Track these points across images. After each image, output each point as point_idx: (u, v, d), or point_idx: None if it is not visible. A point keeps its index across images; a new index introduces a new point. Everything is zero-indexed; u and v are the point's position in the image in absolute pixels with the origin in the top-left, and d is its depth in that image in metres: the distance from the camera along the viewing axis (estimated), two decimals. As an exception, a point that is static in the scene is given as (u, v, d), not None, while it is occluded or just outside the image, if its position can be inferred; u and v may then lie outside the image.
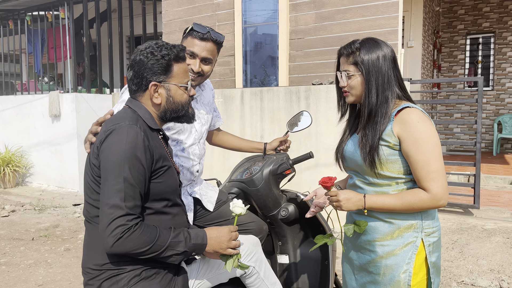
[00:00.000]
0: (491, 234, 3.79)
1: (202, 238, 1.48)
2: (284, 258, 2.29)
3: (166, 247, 1.39)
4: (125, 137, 1.38)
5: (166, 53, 1.48)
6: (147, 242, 1.35)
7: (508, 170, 6.63)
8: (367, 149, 1.55)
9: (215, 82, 5.49)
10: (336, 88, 1.75)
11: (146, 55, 1.47)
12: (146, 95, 1.52)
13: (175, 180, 1.53)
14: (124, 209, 1.33)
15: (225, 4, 5.34)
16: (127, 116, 1.46)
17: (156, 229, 1.40)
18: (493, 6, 8.73)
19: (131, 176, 1.36)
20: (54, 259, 3.86)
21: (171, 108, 1.54)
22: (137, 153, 1.37)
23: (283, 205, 2.22)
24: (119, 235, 1.31)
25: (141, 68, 1.48)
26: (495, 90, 8.87)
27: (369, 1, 4.46)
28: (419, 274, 1.58)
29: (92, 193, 1.46)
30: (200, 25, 1.94)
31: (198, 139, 2.07)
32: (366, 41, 1.60)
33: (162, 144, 1.54)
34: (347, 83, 1.62)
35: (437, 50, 8.70)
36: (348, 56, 1.61)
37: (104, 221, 1.33)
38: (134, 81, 1.51)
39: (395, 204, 1.53)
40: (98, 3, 7.03)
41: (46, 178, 7.11)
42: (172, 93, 1.52)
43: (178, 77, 1.52)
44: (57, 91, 6.79)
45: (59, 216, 5.27)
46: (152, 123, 1.51)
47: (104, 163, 1.38)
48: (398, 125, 1.53)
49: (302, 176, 4.52)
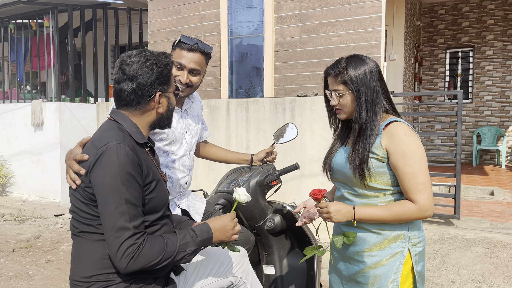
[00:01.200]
0: (472, 244, 3.88)
1: (207, 232, 1.50)
2: (270, 269, 2.30)
3: (177, 251, 1.42)
4: (116, 158, 1.37)
5: (167, 63, 1.51)
6: (158, 253, 1.38)
7: (487, 181, 6.79)
8: (357, 162, 1.59)
9: (201, 93, 5.51)
10: (325, 105, 1.79)
11: (150, 67, 1.47)
12: (148, 106, 1.51)
13: (165, 194, 1.54)
14: (131, 229, 1.34)
15: (211, 15, 5.39)
16: (113, 134, 1.43)
17: (163, 238, 1.42)
18: (472, 21, 9.01)
19: (130, 196, 1.36)
20: (35, 271, 3.79)
21: (167, 115, 1.57)
22: (131, 172, 1.37)
23: (270, 216, 2.24)
24: (131, 254, 1.33)
25: (147, 80, 1.47)
26: (474, 102, 9.10)
27: (352, 15, 4.56)
28: (406, 283, 1.63)
29: (80, 212, 1.45)
30: (188, 37, 1.97)
31: (189, 151, 2.08)
32: (351, 59, 1.65)
33: (149, 156, 1.54)
34: (338, 102, 1.66)
35: (418, 63, 8.91)
36: (336, 76, 1.65)
37: (114, 244, 1.33)
38: (136, 93, 1.47)
39: (383, 215, 1.57)
40: (83, 12, 7.00)
41: (27, 188, 6.99)
42: (171, 101, 1.57)
43: (172, 84, 1.57)
44: (40, 100, 6.71)
45: (40, 227, 5.18)
46: (139, 137, 1.50)
47: (101, 188, 1.36)
48: (386, 138, 1.58)
49: (287, 186, 4.55)
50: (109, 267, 1.41)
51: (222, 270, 1.71)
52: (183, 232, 1.47)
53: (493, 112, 8.97)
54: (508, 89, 8.83)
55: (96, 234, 1.43)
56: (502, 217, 4.71)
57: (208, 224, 1.53)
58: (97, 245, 1.43)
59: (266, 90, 5.07)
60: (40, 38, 7.43)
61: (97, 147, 1.41)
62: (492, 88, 8.95)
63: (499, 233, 4.17)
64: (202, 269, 1.68)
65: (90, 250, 1.44)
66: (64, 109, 6.52)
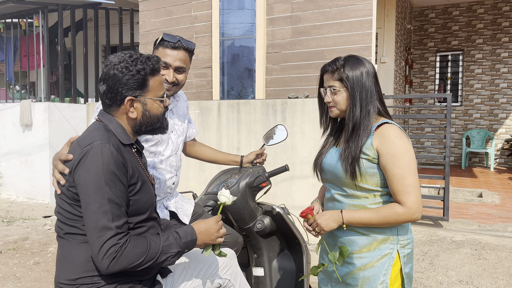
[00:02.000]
0: (460, 246, 3.91)
1: (191, 234, 1.49)
2: (259, 270, 2.30)
3: (159, 253, 1.40)
4: (100, 157, 1.35)
5: (142, 68, 1.45)
6: (140, 254, 1.36)
7: (476, 183, 6.86)
8: (349, 160, 1.61)
9: (192, 94, 5.49)
10: (318, 104, 1.80)
11: (120, 69, 1.43)
12: (121, 110, 1.48)
13: (151, 195, 1.53)
14: (113, 229, 1.33)
15: (203, 16, 5.39)
16: (98, 134, 1.42)
17: (146, 239, 1.40)
18: (461, 25, 9.10)
19: (114, 195, 1.35)
20: (23, 273, 3.74)
21: (146, 121, 1.51)
22: (115, 171, 1.36)
23: (259, 218, 2.24)
24: (113, 254, 1.31)
25: (116, 83, 1.43)
26: (464, 105, 9.20)
27: (343, 18, 4.59)
28: (394, 284, 1.64)
29: (65, 213, 1.43)
30: (170, 35, 1.95)
31: (175, 151, 2.07)
32: (349, 58, 1.67)
33: (136, 158, 1.53)
34: (332, 99, 1.68)
35: (408, 66, 8.98)
36: (333, 73, 1.67)
37: (95, 244, 1.32)
38: (108, 95, 1.46)
39: (371, 217, 1.58)
40: (73, 12, 6.95)
41: (15, 189, 6.90)
42: (148, 107, 1.50)
43: (154, 91, 1.50)
44: (29, 100, 6.64)
45: (28, 229, 5.12)
46: (124, 138, 1.48)
47: (84, 187, 1.35)
48: (378, 139, 1.59)
49: (278, 188, 4.55)
50: (94, 269, 1.40)
51: (210, 272, 1.70)
52: (167, 234, 1.46)
53: (482, 115, 9.07)
54: (497, 92, 8.93)
55: (81, 235, 1.42)
56: (490, 219, 4.75)
57: (193, 226, 1.52)
58: (82, 247, 1.41)
59: (258, 92, 5.07)
60: (30, 37, 7.36)
61: (82, 146, 1.40)
62: (481, 92, 9.05)
63: (487, 235, 4.21)
64: (189, 271, 1.67)
65: (75, 252, 1.42)
66: (54, 109, 6.46)
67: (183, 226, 1.53)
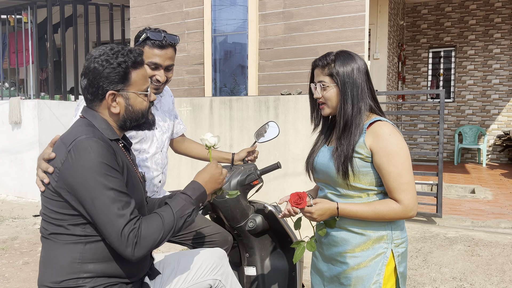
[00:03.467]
0: (453, 242, 3.90)
1: (199, 188, 1.48)
2: (251, 270, 2.26)
3: (175, 220, 1.38)
4: (90, 151, 1.30)
5: (123, 60, 1.40)
6: (158, 229, 1.33)
7: (469, 179, 6.88)
8: (341, 159, 1.57)
9: (184, 90, 5.44)
10: (309, 100, 1.76)
11: (101, 63, 1.38)
12: (103, 105, 1.44)
13: (140, 192, 1.49)
14: (126, 216, 1.30)
15: (195, 12, 5.32)
16: (82, 129, 1.37)
17: (156, 213, 1.38)
18: (454, 21, 9.11)
19: (116, 185, 1.31)
20: (11, 273, 3.68)
21: (130, 116, 1.46)
22: (108, 163, 1.32)
23: (251, 216, 2.20)
24: (134, 240, 1.28)
25: (96, 76, 1.39)
26: (456, 102, 9.22)
27: (336, 14, 4.55)
28: (388, 284, 1.61)
29: (51, 213, 1.38)
30: (155, 32, 1.88)
31: (160, 148, 2.03)
32: (340, 54, 1.63)
33: (124, 153, 1.48)
34: (321, 95, 1.63)
35: (401, 63, 8.98)
36: (323, 68, 1.63)
37: (113, 235, 1.28)
38: (89, 90, 1.42)
39: (367, 213, 1.55)
40: (63, 7, 6.84)
41: (4, 187, 6.81)
42: (131, 102, 1.44)
43: (137, 84, 1.44)
44: (18, 97, 6.54)
45: (18, 228, 5.04)
46: (109, 133, 1.43)
47: (83, 184, 1.29)
48: (371, 137, 1.56)
49: (271, 185, 4.52)
50: (80, 271, 1.35)
51: (200, 273, 1.66)
52: (174, 199, 1.43)
53: (475, 111, 9.10)
54: (489, 88, 8.96)
55: (67, 235, 1.37)
56: (483, 215, 4.76)
57: (196, 180, 1.50)
58: (66, 248, 1.37)
59: (250, 88, 5.03)
60: (19, 34, 7.24)
61: (67, 144, 1.35)
62: (474, 88, 9.08)
63: (480, 231, 4.21)
64: (179, 272, 1.63)
65: (59, 253, 1.37)
66: (43, 106, 6.37)
67: (188, 184, 1.50)
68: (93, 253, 1.36)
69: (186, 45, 5.37)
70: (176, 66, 5.39)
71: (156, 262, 1.68)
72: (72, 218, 1.35)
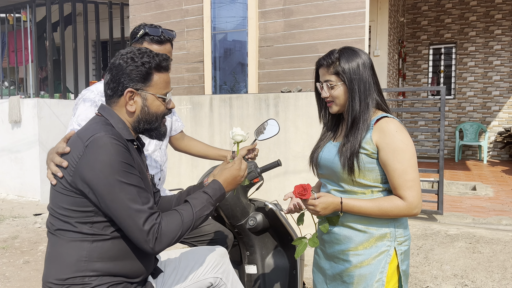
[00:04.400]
0: (454, 240, 3.90)
1: (220, 189, 1.49)
2: (252, 268, 2.25)
3: (194, 220, 1.40)
4: (109, 147, 1.31)
5: (147, 61, 1.42)
6: (177, 227, 1.36)
7: (469, 176, 6.87)
8: (347, 154, 1.56)
9: (184, 88, 5.42)
10: (316, 99, 1.74)
11: (125, 60, 1.41)
12: (120, 102, 1.44)
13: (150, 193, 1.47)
14: (146, 211, 1.31)
15: (194, 10, 5.30)
16: (100, 127, 1.37)
17: (177, 212, 1.39)
18: (454, 18, 9.08)
19: (135, 181, 1.33)
20: (12, 273, 3.67)
21: (145, 118, 1.46)
22: (126, 161, 1.33)
23: (251, 214, 2.19)
24: (155, 235, 1.31)
25: (119, 72, 1.41)
26: (457, 98, 9.20)
27: (336, 11, 4.53)
28: (391, 282, 1.60)
29: (59, 208, 1.37)
30: (152, 28, 1.89)
31: (159, 145, 2.03)
32: (344, 51, 1.61)
33: (138, 154, 1.48)
34: (329, 94, 1.62)
35: (402, 60, 8.95)
36: (328, 67, 1.61)
37: (135, 230, 1.30)
38: (110, 85, 1.44)
39: (371, 209, 1.54)
40: (62, 6, 6.82)
41: (5, 187, 6.80)
42: (148, 103, 1.45)
43: (157, 87, 1.45)
44: (17, 96, 6.52)
45: (18, 227, 5.04)
46: (125, 133, 1.43)
47: (101, 180, 1.29)
48: (377, 133, 1.55)
49: (272, 183, 4.51)
50: (86, 270, 1.35)
51: (202, 271, 1.65)
52: (196, 198, 1.44)
53: (475, 108, 9.08)
54: (490, 85, 8.94)
55: (73, 232, 1.36)
56: (484, 212, 4.75)
57: (219, 180, 1.51)
58: (73, 245, 1.36)
59: (250, 86, 5.01)
60: (18, 32, 7.22)
61: (84, 139, 1.35)
62: (474, 84, 9.05)
63: (481, 228, 4.20)
64: (180, 271, 1.62)
65: (65, 250, 1.36)
66: (43, 105, 6.35)
67: (210, 183, 1.50)
68: (100, 252, 1.36)
69: (185, 43, 5.35)
70: (176, 64, 5.37)
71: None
72: (81, 216, 1.35)
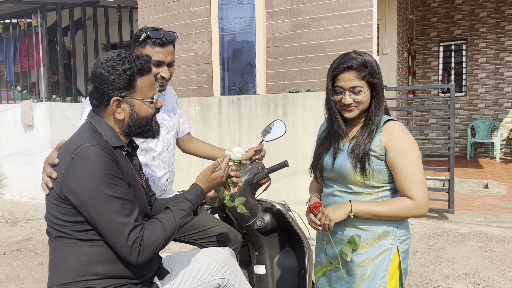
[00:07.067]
0: (466, 238, 3.86)
1: (202, 194, 1.52)
2: (261, 268, 2.26)
3: (176, 227, 1.43)
4: (94, 159, 1.32)
5: (129, 67, 1.39)
6: (159, 237, 1.38)
7: (482, 174, 6.79)
8: (359, 157, 1.58)
9: (193, 90, 5.45)
10: (327, 105, 1.67)
11: (106, 68, 1.39)
12: (108, 110, 1.44)
13: (142, 200, 1.49)
14: (131, 223, 1.33)
15: (202, 12, 5.33)
16: (86, 137, 1.38)
17: (158, 221, 1.41)
18: (464, 14, 8.98)
19: (120, 192, 1.34)
20: (26, 274, 3.73)
21: (135, 123, 1.47)
22: (111, 172, 1.33)
23: (259, 215, 2.20)
24: (138, 248, 1.33)
25: (102, 82, 1.39)
26: (468, 95, 9.09)
27: (344, 9, 4.52)
28: (393, 280, 1.63)
29: (53, 218, 1.40)
30: (153, 31, 1.92)
31: (167, 146, 2.05)
32: (362, 54, 1.60)
33: (127, 161, 1.49)
34: (355, 99, 1.58)
35: (411, 57, 8.88)
36: (358, 72, 1.57)
37: (118, 242, 1.32)
38: (94, 95, 1.42)
39: (381, 210, 1.56)
40: (72, 10, 6.91)
41: (19, 189, 6.91)
42: (136, 108, 1.45)
43: (142, 91, 1.44)
44: (30, 100, 6.63)
45: (32, 229, 5.12)
46: (114, 140, 1.43)
47: (86, 192, 1.31)
48: (386, 136, 1.58)
49: (281, 183, 4.51)
50: (87, 274, 1.37)
51: (209, 273, 1.67)
52: (177, 205, 1.46)
53: (487, 104, 8.96)
54: (502, 81, 8.82)
55: (70, 239, 1.39)
56: (496, 210, 4.69)
57: (197, 183, 1.53)
58: (72, 251, 1.38)
59: (259, 87, 5.02)
60: (29, 37, 7.34)
61: (70, 151, 1.37)
62: (486, 81, 8.94)
63: (494, 226, 4.15)
64: (187, 272, 1.64)
65: (66, 256, 1.39)
66: (55, 109, 6.45)
67: (190, 188, 1.53)
68: (99, 256, 1.38)
69: (194, 45, 5.39)
70: (184, 65, 5.41)
71: (165, 261, 1.69)
72: (74, 225, 1.37)
